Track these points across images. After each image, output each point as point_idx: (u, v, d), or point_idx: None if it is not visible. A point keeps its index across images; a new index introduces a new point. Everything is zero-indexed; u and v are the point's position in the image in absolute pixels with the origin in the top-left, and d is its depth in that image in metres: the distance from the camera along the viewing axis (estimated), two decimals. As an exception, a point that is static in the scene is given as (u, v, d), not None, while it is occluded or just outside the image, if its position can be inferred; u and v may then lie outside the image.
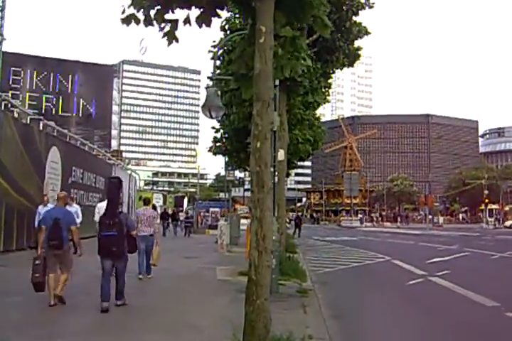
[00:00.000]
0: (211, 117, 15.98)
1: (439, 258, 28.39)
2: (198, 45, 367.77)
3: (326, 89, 27.55)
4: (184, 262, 24.22)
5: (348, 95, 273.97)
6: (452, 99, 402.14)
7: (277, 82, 16.13)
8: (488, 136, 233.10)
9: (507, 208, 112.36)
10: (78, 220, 17.54)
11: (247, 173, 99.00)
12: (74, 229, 12.75)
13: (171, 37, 8.38)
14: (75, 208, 21.58)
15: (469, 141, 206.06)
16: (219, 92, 17.00)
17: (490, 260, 29.14)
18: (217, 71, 21.26)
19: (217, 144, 34.16)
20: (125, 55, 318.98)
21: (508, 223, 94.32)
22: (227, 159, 38.47)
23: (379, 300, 16.31)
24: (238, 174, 69.36)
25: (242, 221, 40.93)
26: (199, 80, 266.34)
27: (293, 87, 21.17)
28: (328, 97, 28.69)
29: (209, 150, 34.50)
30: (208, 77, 18.52)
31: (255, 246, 7.88)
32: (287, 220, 43.38)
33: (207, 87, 20.08)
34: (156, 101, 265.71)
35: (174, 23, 8.41)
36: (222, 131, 33.24)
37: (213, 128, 33.51)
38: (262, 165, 7.79)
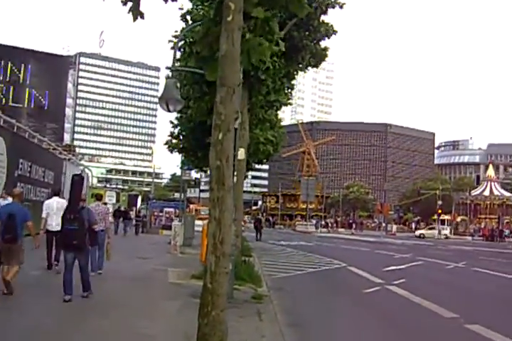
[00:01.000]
0: (168, 110, 15.21)
1: (394, 267, 27.99)
2: (159, 41, 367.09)
3: (289, 90, 26.90)
4: (135, 263, 23.30)
5: (308, 100, 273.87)
6: (410, 110, 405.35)
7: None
8: (443, 148, 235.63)
9: (459, 219, 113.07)
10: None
11: (203, 174, 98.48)
12: (30, 224, 13.15)
13: (135, 12, 7.60)
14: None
15: (425, 152, 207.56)
16: (178, 84, 16.21)
17: (445, 270, 28.79)
18: (177, 64, 20.39)
19: (174, 141, 33.27)
20: (83, 47, 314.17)
21: (418, 232, 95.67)
22: (183, 158, 37.52)
23: (336, 308, 15.75)
24: (194, 174, 68.49)
25: (197, 222, 40.15)
26: (158, 77, 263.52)
27: (255, 85, 20.45)
28: (290, 99, 28.04)
29: (165, 144, 33.53)
30: (167, 68, 17.69)
31: (212, 250, 7.13)
32: (243, 223, 42.66)
33: (167, 78, 19.28)
34: (113, 96, 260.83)
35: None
36: (179, 127, 32.33)
37: (171, 122, 32.61)
38: (223, 160, 7.06)
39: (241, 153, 15.65)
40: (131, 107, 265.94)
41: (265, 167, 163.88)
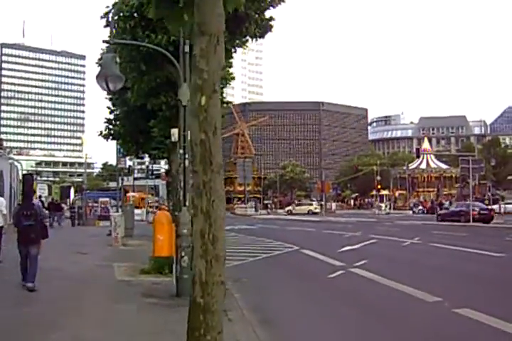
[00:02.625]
0: (108, 89, 13.57)
1: (349, 247, 26.82)
2: (83, 29, 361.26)
3: (227, 68, 25.36)
4: (76, 259, 21.55)
5: (238, 82, 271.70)
6: (342, 87, 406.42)
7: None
8: (375, 124, 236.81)
9: (397, 193, 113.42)
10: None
11: (136, 161, 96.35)
12: None
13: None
14: None
15: (359, 128, 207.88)
16: (117, 59, 14.54)
17: (402, 247, 27.73)
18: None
19: (110, 127, 31.42)
20: (5, 38, 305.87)
21: (287, 208, 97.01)
22: (119, 144, 35.63)
23: (305, 297, 14.37)
24: (128, 162, 66.54)
25: (136, 211, 38.54)
26: (84, 66, 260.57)
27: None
28: (230, 77, 26.46)
29: (100, 134, 31.69)
30: (104, 41, 16.02)
31: (201, 253, 5.50)
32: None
33: (102, 53, 17.66)
34: (38, 87, 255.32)
35: None
36: (114, 112, 30.50)
37: (108, 108, 30.75)
38: (209, 131, 5.40)
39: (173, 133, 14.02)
40: (57, 97, 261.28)
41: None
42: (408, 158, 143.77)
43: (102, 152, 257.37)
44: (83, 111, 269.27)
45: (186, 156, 13.36)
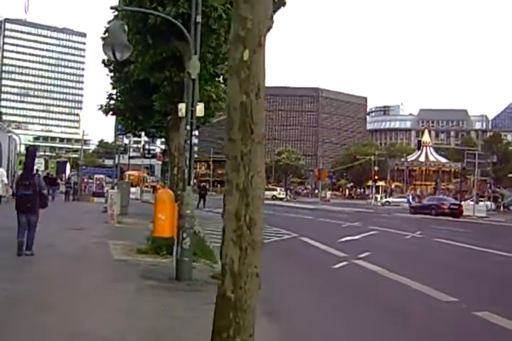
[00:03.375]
0: (115, 58, 12.92)
1: (349, 237, 26.13)
2: (85, 7, 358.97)
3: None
4: (71, 235, 20.79)
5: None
6: (342, 74, 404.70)
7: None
8: (373, 113, 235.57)
9: (393, 185, 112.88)
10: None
11: (132, 140, 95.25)
12: None
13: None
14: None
15: (357, 117, 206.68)
16: (126, 27, 13.82)
17: (404, 240, 27.15)
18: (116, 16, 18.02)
19: (112, 102, 30.60)
20: (8, 14, 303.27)
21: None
22: (119, 121, 34.75)
23: (310, 289, 13.69)
24: (125, 140, 65.77)
25: (131, 189, 37.87)
26: (84, 43, 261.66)
27: (206, 36, 18.11)
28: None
29: (100, 108, 30.86)
30: (112, 7, 15.33)
31: (235, 239, 4.73)
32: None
33: (110, 21, 16.92)
34: (39, 62, 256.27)
35: None
36: (116, 88, 29.66)
37: (111, 83, 29.89)
38: (252, 94, 4.62)
39: (200, 109, 13.26)
40: (57, 74, 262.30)
41: (195, 132, 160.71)
42: (406, 149, 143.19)
43: (99, 129, 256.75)
44: (82, 88, 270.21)
45: (194, 133, 12.68)
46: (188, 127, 12.67)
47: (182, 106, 12.90)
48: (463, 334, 9.80)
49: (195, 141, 12.74)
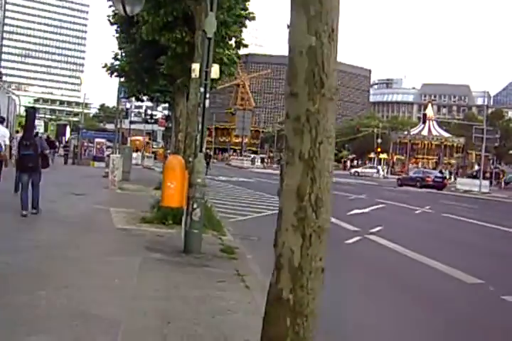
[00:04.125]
0: (124, 12, 11.87)
1: (358, 210, 25.38)
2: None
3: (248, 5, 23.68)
4: (72, 201, 19.94)
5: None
6: (346, 45, 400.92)
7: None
8: (376, 86, 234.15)
9: (395, 158, 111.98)
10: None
11: (134, 105, 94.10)
12: None
13: None
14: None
15: (361, 89, 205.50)
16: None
17: (415, 215, 26.36)
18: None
19: (117, 63, 29.62)
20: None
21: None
22: (124, 83, 33.63)
23: (327, 265, 12.74)
24: (127, 104, 64.79)
25: (133, 154, 37.02)
26: (88, 5, 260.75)
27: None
28: (250, 16, 24.57)
29: (104, 67, 29.86)
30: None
31: (295, 223, 3.78)
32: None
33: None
34: (41, 24, 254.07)
35: None
36: (122, 49, 28.62)
37: (118, 44, 28.88)
38: (324, 35, 3.51)
39: (215, 71, 12.26)
40: (59, 35, 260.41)
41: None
42: (408, 123, 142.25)
43: (100, 93, 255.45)
44: (84, 51, 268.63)
45: (207, 96, 11.72)
46: (202, 89, 11.69)
47: (196, 67, 11.91)
48: (495, 321, 8.98)
49: (207, 104, 11.75)
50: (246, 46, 25.22)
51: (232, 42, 23.19)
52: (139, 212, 17.23)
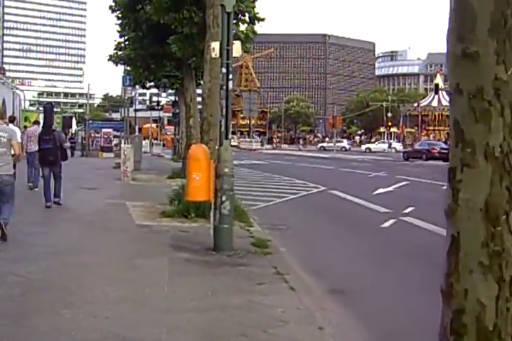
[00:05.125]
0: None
1: (383, 189, 24.20)
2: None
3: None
4: (84, 196, 18.98)
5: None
6: (349, 19, 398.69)
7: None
8: (380, 59, 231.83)
9: (404, 132, 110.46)
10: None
11: (138, 93, 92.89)
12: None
13: None
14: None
15: (366, 63, 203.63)
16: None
17: (443, 191, 25.05)
18: None
19: (121, 52, 28.65)
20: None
21: (364, 146, 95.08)
22: (131, 71, 32.55)
23: (368, 256, 11.71)
24: (132, 92, 63.69)
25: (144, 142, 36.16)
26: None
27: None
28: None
29: (109, 59, 28.87)
30: None
31: (485, 260, 2.38)
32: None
33: None
34: (40, 18, 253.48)
35: None
36: (126, 36, 27.59)
37: (118, 31, 27.83)
38: None
39: (237, 48, 11.13)
40: (59, 28, 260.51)
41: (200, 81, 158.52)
42: (415, 95, 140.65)
43: (103, 83, 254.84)
44: (84, 42, 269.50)
45: (230, 76, 10.64)
46: (224, 69, 10.60)
47: (215, 45, 10.75)
48: None
49: (230, 86, 10.68)
50: (262, 20, 24.14)
51: (246, 17, 22.13)
52: (156, 204, 16.31)
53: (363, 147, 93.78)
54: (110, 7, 26.46)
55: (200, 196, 10.75)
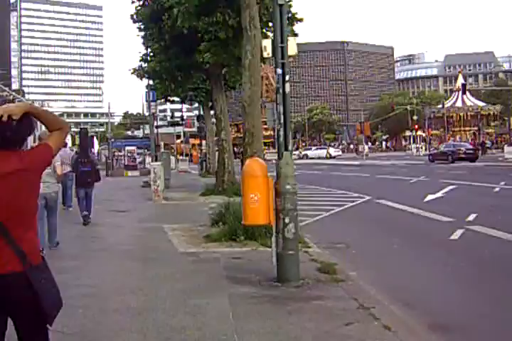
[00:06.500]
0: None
1: (432, 195, 22.63)
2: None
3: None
4: (116, 220, 17.51)
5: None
6: (366, 26, 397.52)
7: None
8: (398, 63, 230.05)
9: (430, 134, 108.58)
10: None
11: (158, 109, 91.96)
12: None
13: None
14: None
15: (385, 67, 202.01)
16: None
17: (496, 194, 23.55)
18: None
19: (144, 65, 27.33)
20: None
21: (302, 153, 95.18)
22: (155, 84, 31.15)
23: (457, 278, 10.00)
24: (159, 107, 62.77)
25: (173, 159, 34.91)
26: (101, 16, 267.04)
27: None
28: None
29: (133, 73, 27.61)
30: None
31: None
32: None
33: None
34: (57, 39, 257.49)
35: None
36: (150, 48, 26.22)
37: (143, 44, 26.50)
38: None
39: (292, 46, 9.46)
40: (77, 49, 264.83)
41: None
42: (436, 96, 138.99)
43: (121, 102, 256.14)
44: (102, 62, 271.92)
45: (287, 78, 9.12)
46: (279, 70, 9.04)
47: (267, 43, 9.18)
48: None
49: (288, 89, 9.14)
50: (301, 20, 22.68)
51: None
52: (197, 226, 14.89)
53: (301, 153, 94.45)
54: (131, 16, 25.14)
55: (260, 219, 9.17)
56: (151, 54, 26.42)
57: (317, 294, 8.24)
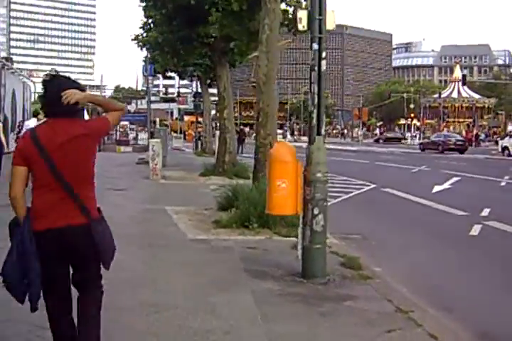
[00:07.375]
0: None
1: (439, 186, 22.07)
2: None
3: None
4: (114, 199, 16.12)
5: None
6: (366, 11, 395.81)
7: None
8: (395, 51, 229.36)
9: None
10: None
11: (152, 83, 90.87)
12: None
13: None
14: None
15: (383, 54, 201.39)
16: None
17: (502, 188, 23.02)
18: None
19: (145, 35, 26.38)
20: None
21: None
22: (155, 56, 30.07)
23: (491, 278, 9.32)
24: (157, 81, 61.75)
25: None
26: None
27: None
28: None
29: (134, 39, 26.65)
30: None
31: None
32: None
33: None
34: (49, 7, 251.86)
35: None
36: (152, 18, 25.19)
37: (144, 10, 25.40)
38: None
39: (331, 21, 8.59)
40: (68, 18, 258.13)
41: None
42: (431, 86, 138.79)
43: (113, 75, 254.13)
44: (94, 33, 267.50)
45: (323, 55, 8.33)
46: (316, 46, 8.25)
47: (303, 15, 8.34)
48: None
49: (324, 67, 8.35)
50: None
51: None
52: (202, 210, 14.09)
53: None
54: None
55: (287, 209, 8.37)
56: (152, 25, 25.45)
57: (346, 293, 7.54)
